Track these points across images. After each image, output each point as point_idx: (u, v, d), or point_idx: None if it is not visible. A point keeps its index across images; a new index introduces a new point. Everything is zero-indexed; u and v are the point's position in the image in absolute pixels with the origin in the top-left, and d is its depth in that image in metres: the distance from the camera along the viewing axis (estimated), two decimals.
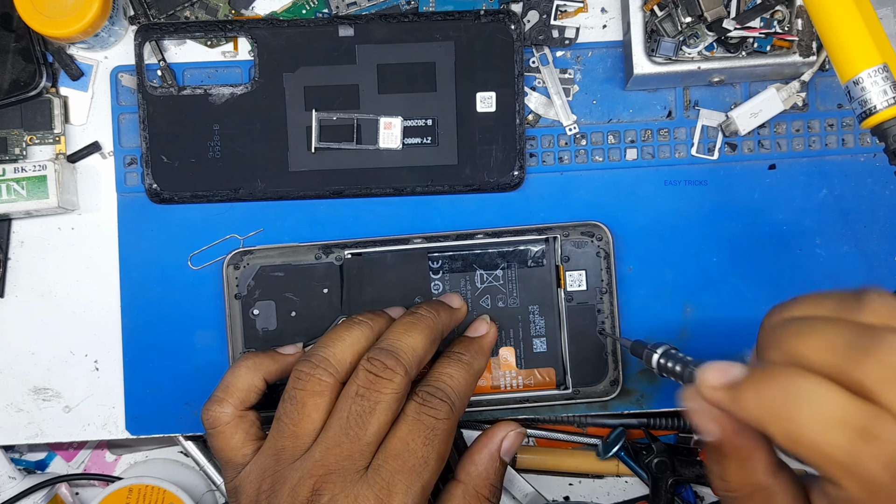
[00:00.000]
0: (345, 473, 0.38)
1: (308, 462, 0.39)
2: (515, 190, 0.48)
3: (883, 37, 0.38)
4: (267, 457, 0.40)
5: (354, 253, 0.48)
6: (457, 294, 0.47)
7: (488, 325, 0.46)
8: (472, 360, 0.43)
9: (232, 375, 0.43)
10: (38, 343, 0.49)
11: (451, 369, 0.42)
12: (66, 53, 0.49)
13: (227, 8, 0.49)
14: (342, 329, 0.42)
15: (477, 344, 0.45)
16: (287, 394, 0.41)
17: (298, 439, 0.40)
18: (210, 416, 0.42)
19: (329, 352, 0.41)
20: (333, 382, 0.40)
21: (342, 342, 0.41)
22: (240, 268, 0.48)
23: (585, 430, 0.55)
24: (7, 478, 0.53)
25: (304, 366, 0.41)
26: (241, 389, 0.43)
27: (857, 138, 0.49)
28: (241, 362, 0.43)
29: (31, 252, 0.49)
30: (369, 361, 0.40)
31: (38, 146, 0.49)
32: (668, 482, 0.53)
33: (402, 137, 0.48)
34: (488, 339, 0.46)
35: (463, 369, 0.42)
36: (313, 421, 0.40)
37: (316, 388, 0.40)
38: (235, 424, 0.42)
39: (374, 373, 0.39)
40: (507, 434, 0.43)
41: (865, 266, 0.49)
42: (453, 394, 0.41)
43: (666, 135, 0.49)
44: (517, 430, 0.44)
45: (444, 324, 0.44)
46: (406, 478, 0.38)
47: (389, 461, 0.38)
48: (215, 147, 0.48)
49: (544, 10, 0.48)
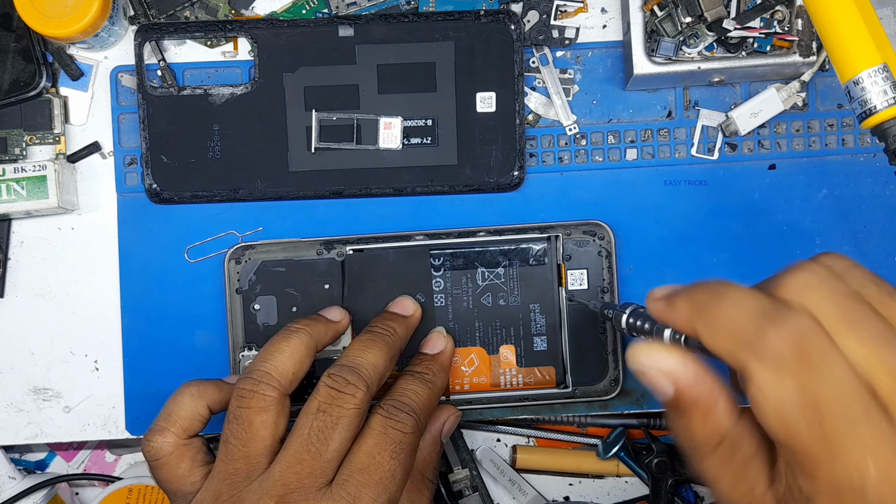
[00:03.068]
0: (306, 491, 0.37)
1: (267, 482, 0.38)
2: (515, 190, 0.48)
3: (883, 37, 0.38)
4: (219, 481, 0.39)
5: (356, 249, 0.48)
6: (408, 298, 0.47)
7: (445, 338, 0.47)
8: (434, 379, 0.44)
9: (174, 403, 0.42)
10: (38, 343, 0.49)
11: (414, 386, 0.42)
12: (66, 53, 0.49)
13: (227, 8, 0.49)
14: (279, 340, 0.42)
15: (437, 362, 0.45)
16: (231, 414, 0.39)
17: (251, 460, 0.39)
18: (151, 448, 0.41)
19: (269, 365, 0.40)
20: (278, 396, 0.39)
21: (282, 353, 0.41)
22: (241, 262, 0.48)
23: (585, 430, 0.55)
24: (7, 478, 0.53)
25: (245, 383, 0.40)
26: (185, 418, 0.41)
27: (857, 138, 0.49)
28: (183, 389, 0.42)
29: (31, 252, 0.49)
30: (330, 378, 0.39)
31: (38, 146, 0.49)
32: (668, 482, 0.53)
33: (402, 137, 0.48)
34: (447, 355, 0.46)
35: (426, 387, 0.43)
36: (263, 439, 0.39)
37: (260, 403, 0.39)
38: (179, 454, 0.41)
39: (335, 388, 0.39)
40: (448, 418, 0.46)
41: (865, 266, 0.48)
42: (418, 409, 0.41)
43: (666, 135, 0.49)
44: (456, 414, 0.46)
45: (401, 339, 0.45)
46: (373, 491, 0.38)
47: (355, 475, 0.38)
48: (215, 147, 0.48)
49: (544, 10, 0.48)
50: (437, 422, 0.45)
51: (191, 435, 0.41)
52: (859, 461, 0.26)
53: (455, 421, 0.46)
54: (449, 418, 0.46)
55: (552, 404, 0.49)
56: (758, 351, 0.28)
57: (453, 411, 0.46)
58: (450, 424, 0.46)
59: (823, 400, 0.27)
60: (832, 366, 0.27)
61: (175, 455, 0.41)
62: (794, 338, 0.27)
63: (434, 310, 0.48)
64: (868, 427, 0.26)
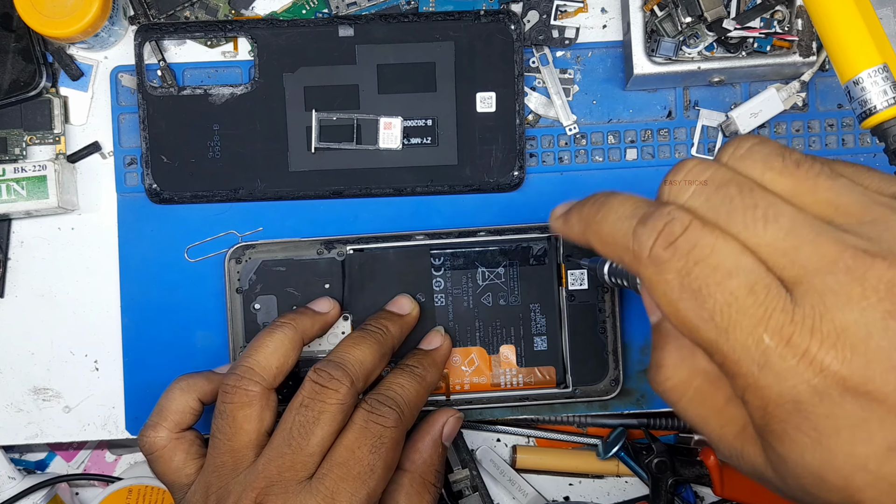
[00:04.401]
0: (286, 484, 0.38)
1: (251, 475, 0.39)
2: (515, 190, 0.48)
3: (883, 37, 0.38)
4: (208, 474, 0.40)
5: (356, 249, 0.48)
6: (406, 297, 0.47)
7: (442, 337, 0.46)
8: (424, 373, 0.44)
9: (165, 399, 0.43)
10: (38, 343, 0.49)
11: (401, 379, 0.42)
12: (66, 53, 0.49)
13: (227, 8, 0.49)
14: (264, 335, 0.42)
15: (430, 357, 0.45)
16: (217, 409, 0.41)
17: (237, 453, 0.40)
18: (146, 442, 0.42)
19: (252, 360, 0.41)
20: (261, 391, 0.40)
21: (265, 348, 0.41)
22: (241, 262, 0.48)
23: (585, 430, 0.55)
24: (7, 478, 0.53)
25: (229, 379, 0.41)
26: (176, 412, 0.42)
27: (857, 138, 0.49)
28: (174, 384, 0.43)
29: (31, 252, 0.49)
30: (315, 373, 0.40)
31: (38, 146, 0.49)
32: (668, 482, 0.53)
33: (402, 137, 0.48)
34: (441, 352, 0.46)
35: (414, 380, 0.43)
36: (247, 433, 0.40)
37: (243, 399, 0.40)
38: (173, 447, 0.42)
39: (319, 383, 0.39)
40: (448, 420, 0.45)
41: None
42: (403, 402, 0.41)
43: (666, 135, 0.49)
44: (456, 416, 0.46)
45: (394, 338, 0.44)
46: (351, 486, 0.38)
47: (334, 469, 0.38)
48: (215, 147, 0.48)
49: (544, 10, 0.48)
50: (437, 424, 0.45)
51: (183, 428, 0.43)
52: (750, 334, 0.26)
53: (456, 423, 0.46)
54: (449, 420, 0.45)
55: (552, 404, 0.49)
56: (636, 252, 0.28)
57: (453, 413, 0.46)
58: (450, 426, 0.45)
59: (702, 283, 0.26)
60: (704, 248, 0.27)
61: (168, 448, 0.42)
62: (663, 232, 0.27)
63: (434, 309, 0.48)
64: (753, 300, 0.26)
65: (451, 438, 0.46)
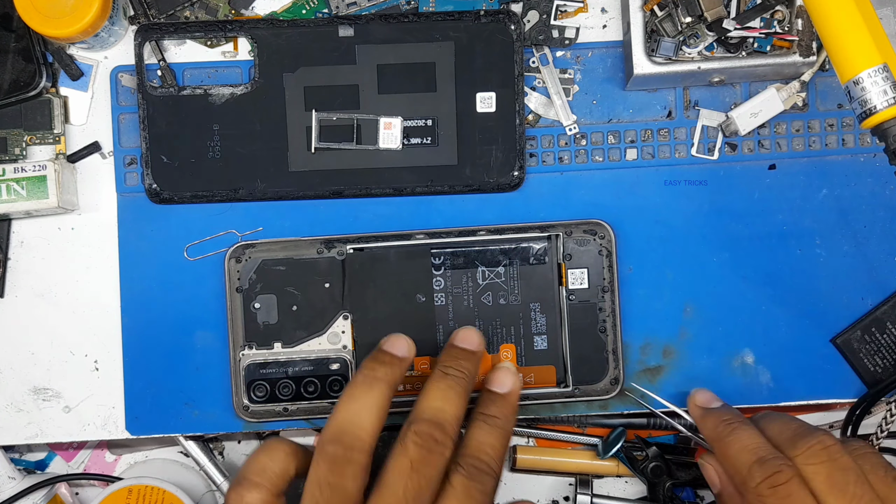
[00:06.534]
0: None
1: None
2: (515, 190, 0.48)
3: (883, 37, 0.38)
4: None
5: (357, 248, 0.48)
6: (471, 329, 0.45)
7: (513, 376, 0.44)
8: (506, 425, 0.41)
9: (268, 458, 0.38)
10: (38, 343, 0.49)
11: (492, 439, 0.40)
12: (66, 53, 0.49)
13: (227, 8, 0.49)
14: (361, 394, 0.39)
15: (508, 404, 0.43)
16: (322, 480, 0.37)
17: None
18: None
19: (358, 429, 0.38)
20: (367, 460, 0.38)
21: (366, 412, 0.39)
22: (241, 261, 0.48)
23: (585, 430, 0.55)
24: (7, 478, 0.53)
25: (336, 448, 0.37)
26: (278, 475, 0.38)
27: (857, 138, 0.49)
28: (276, 444, 0.39)
29: (31, 252, 0.49)
30: (417, 435, 0.38)
31: (38, 146, 0.49)
32: (664, 486, 0.53)
33: (402, 137, 0.48)
34: (516, 395, 0.43)
35: (502, 436, 0.41)
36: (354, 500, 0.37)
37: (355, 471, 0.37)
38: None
39: (426, 448, 0.38)
40: None
41: (865, 266, 0.49)
42: (496, 465, 0.40)
43: (666, 135, 0.49)
44: None
45: (473, 379, 0.43)
46: None
47: None
48: (215, 147, 0.48)
49: (544, 10, 0.48)
50: None
51: (278, 494, 0.38)
52: None
53: None
54: None
55: (552, 404, 0.49)
56: (746, 480, 0.39)
57: None
58: None
59: None
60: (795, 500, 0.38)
61: None
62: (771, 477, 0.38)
63: (434, 309, 0.48)
64: None
65: None
